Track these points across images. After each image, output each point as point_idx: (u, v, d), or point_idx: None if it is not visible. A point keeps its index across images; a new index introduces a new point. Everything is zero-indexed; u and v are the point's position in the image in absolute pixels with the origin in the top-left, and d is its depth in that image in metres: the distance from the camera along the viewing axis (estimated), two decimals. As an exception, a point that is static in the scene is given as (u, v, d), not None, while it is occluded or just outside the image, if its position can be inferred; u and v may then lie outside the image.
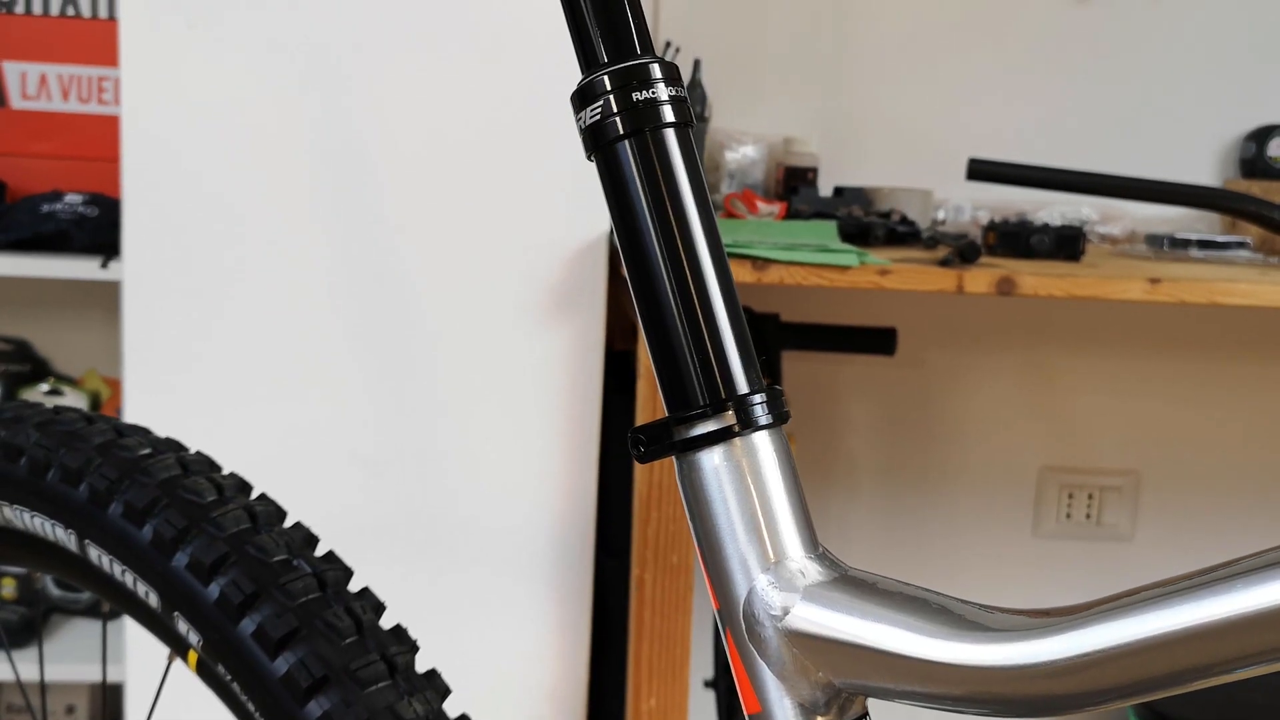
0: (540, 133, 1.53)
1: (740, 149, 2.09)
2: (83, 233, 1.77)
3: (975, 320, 2.23)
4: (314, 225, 1.53)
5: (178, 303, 1.53)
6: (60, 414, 0.81)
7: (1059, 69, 2.19)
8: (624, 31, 0.57)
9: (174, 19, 1.49)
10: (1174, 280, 1.48)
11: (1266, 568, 0.39)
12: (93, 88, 1.92)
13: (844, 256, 1.49)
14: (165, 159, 1.51)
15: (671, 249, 0.54)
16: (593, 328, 1.58)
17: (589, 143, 0.57)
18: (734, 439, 0.53)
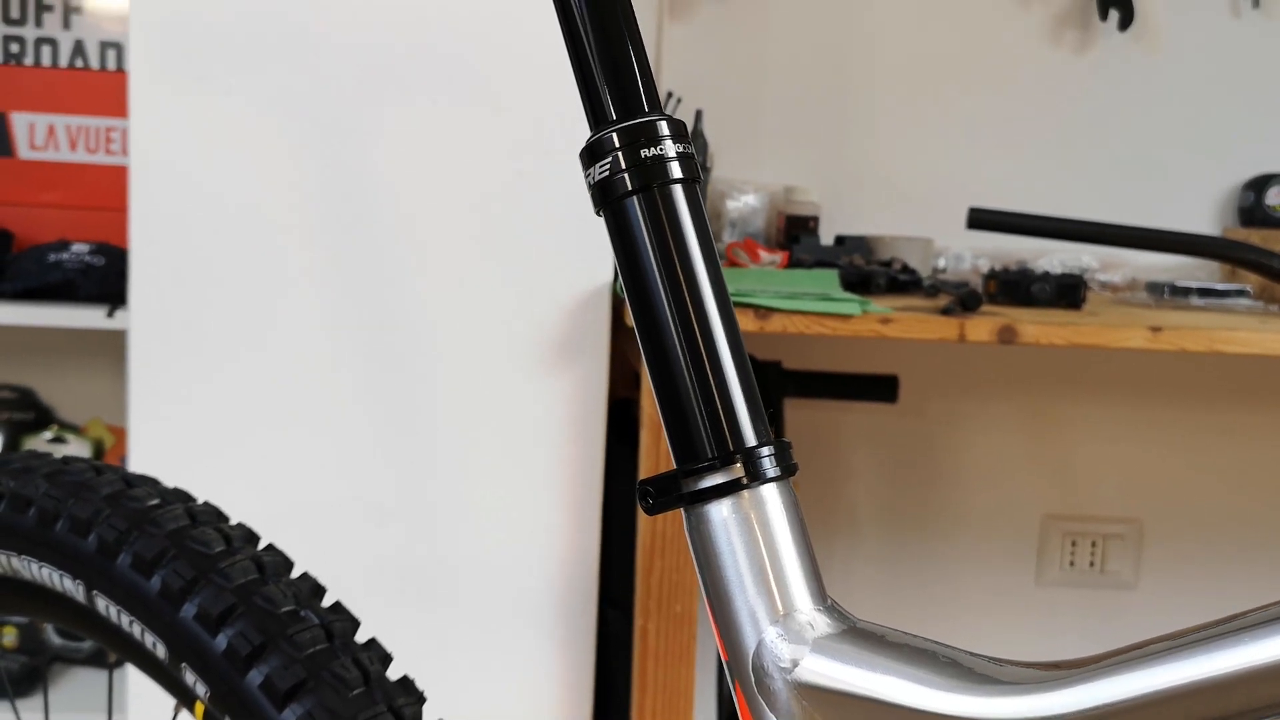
0: (544, 183, 1.54)
1: (742, 198, 2.10)
2: (89, 282, 1.78)
3: (977, 368, 2.24)
4: (319, 275, 1.54)
5: (184, 352, 1.54)
6: (69, 464, 0.82)
7: (1058, 118, 2.21)
8: (632, 89, 0.58)
9: (182, 71, 1.51)
10: (1175, 329, 1.49)
11: (1273, 621, 0.39)
12: (100, 138, 1.94)
13: (846, 305, 1.50)
14: (173, 209, 1.52)
15: (680, 303, 0.55)
16: (595, 376, 1.58)
17: (598, 198, 0.58)
18: (742, 491, 0.53)
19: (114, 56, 1.94)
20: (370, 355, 1.56)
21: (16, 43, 1.93)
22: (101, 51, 1.94)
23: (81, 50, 1.94)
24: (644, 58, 0.60)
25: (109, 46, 1.94)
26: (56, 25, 1.93)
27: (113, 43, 1.94)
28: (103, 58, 1.94)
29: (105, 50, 1.94)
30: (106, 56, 1.94)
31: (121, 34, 1.91)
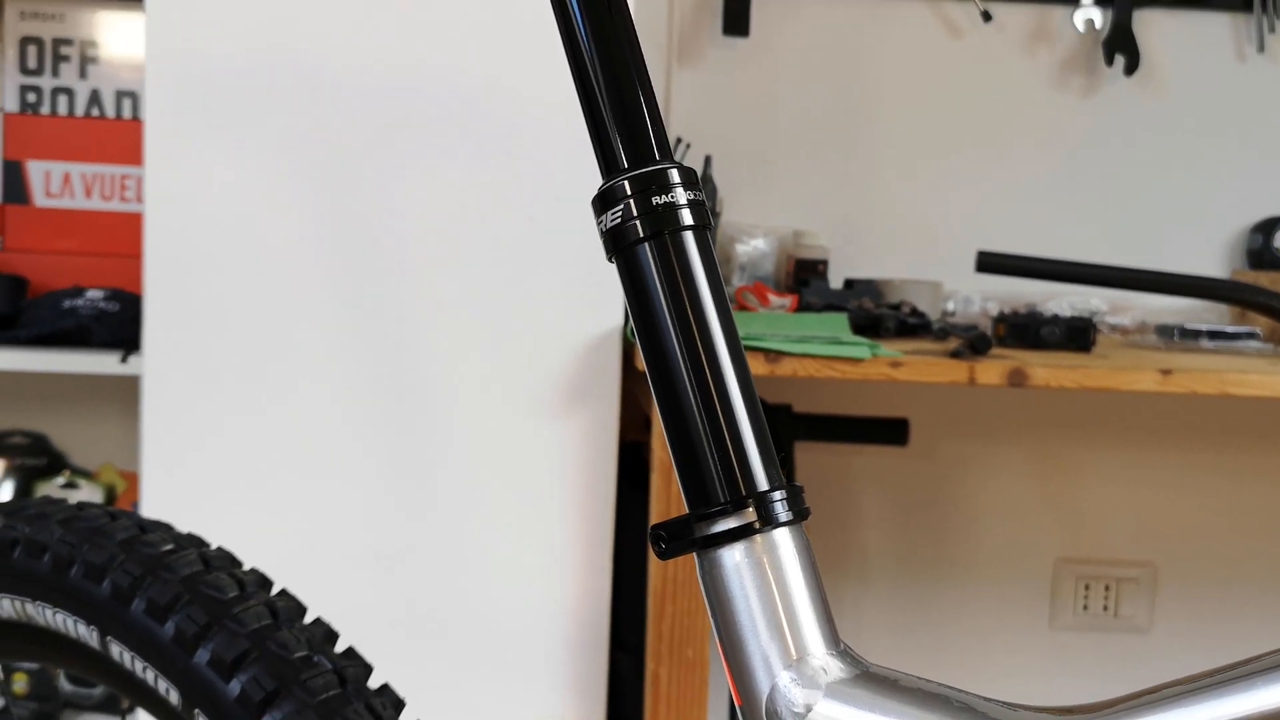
0: (555, 227, 1.55)
1: (751, 242, 2.11)
2: (103, 328, 1.80)
3: (987, 411, 2.24)
4: (331, 321, 1.55)
5: (196, 397, 1.55)
6: (84, 510, 0.82)
7: (1065, 162, 2.22)
8: (643, 137, 0.59)
9: (197, 120, 1.53)
10: (1185, 371, 1.49)
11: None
12: (115, 185, 1.96)
13: (856, 349, 1.50)
14: (186, 255, 1.54)
15: (691, 349, 0.55)
16: (606, 421, 1.59)
17: (609, 245, 0.58)
18: (755, 536, 0.53)
19: (129, 105, 1.97)
20: (382, 400, 1.56)
21: (34, 92, 1.95)
22: (117, 100, 1.96)
23: (98, 99, 1.96)
24: (654, 106, 0.61)
25: (125, 95, 1.96)
26: (73, 75, 1.96)
27: (128, 91, 1.96)
28: (118, 106, 1.97)
29: (121, 99, 1.97)
30: (122, 105, 1.97)
31: (137, 82, 1.93)
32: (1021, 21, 2.19)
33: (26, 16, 1.94)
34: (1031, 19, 2.19)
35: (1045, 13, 2.19)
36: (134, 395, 1.58)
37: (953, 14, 2.18)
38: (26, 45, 1.94)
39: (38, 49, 1.95)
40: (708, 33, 2.17)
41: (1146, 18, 2.17)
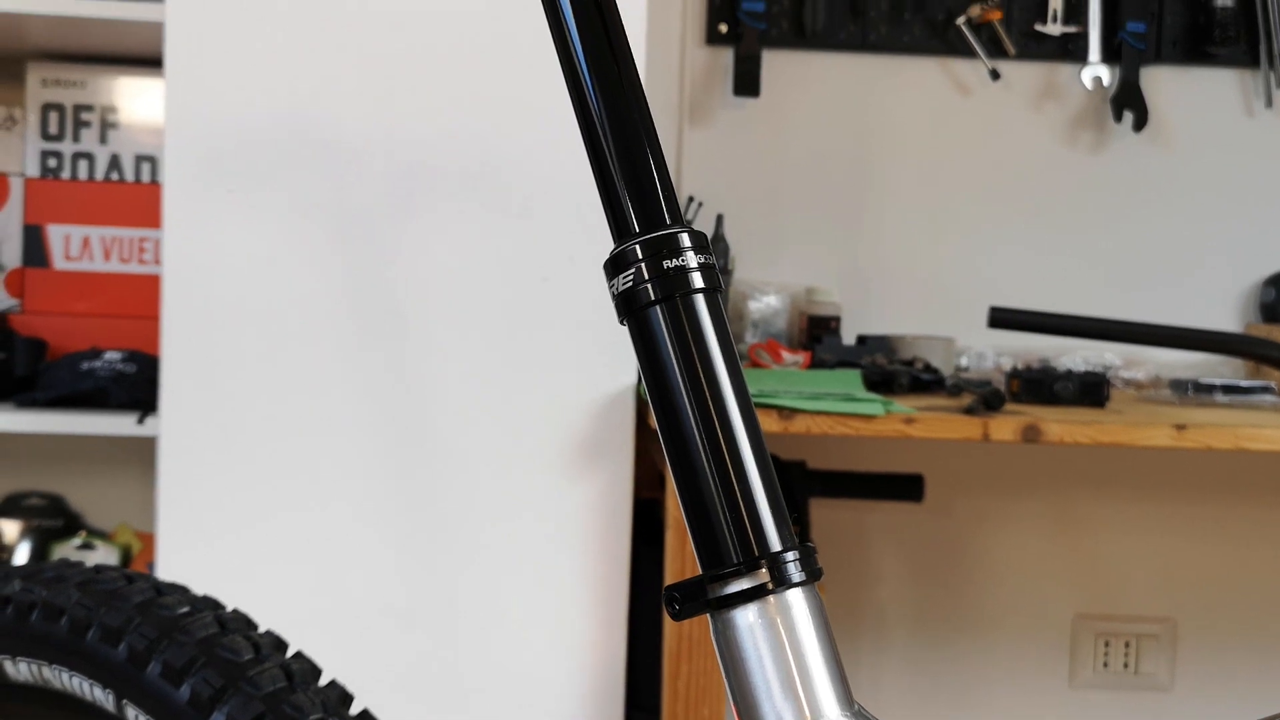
0: (568, 287, 1.56)
1: (763, 298, 2.12)
2: (120, 389, 1.81)
3: (1002, 466, 2.23)
4: (347, 381, 1.56)
5: (213, 458, 1.55)
6: (101, 573, 0.83)
7: (1076, 217, 2.23)
8: (654, 202, 0.60)
9: (215, 184, 1.55)
10: (1199, 426, 1.49)
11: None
12: (133, 248, 1.98)
13: (869, 406, 1.50)
14: (204, 317, 1.55)
15: (703, 411, 0.56)
16: (621, 479, 1.59)
17: (622, 308, 0.59)
18: (768, 597, 0.54)
19: (148, 169, 1.99)
20: (398, 459, 1.57)
21: (54, 157, 1.98)
22: (136, 164, 1.99)
23: (117, 164, 1.99)
24: (664, 170, 0.62)
25: (144, 160, 1.99)
26: (94, 140, 1.99)
27: (147, 156, 1.99)
28: (137, 170, 1.99)
29: (140, 163, 1.99)
30: (141, 169, 1.99)
31: (156, 146, 1.96)
32: (1030, 79, 2.21)
33: (49, 84, 1.97)
34: (1040, 77, 2.21)
35: (1053, 70, 2.21)
36: (150, 456, 1.58)
37: (961, 72, 2.20)
38: (48, 112, 1.98)
39: (59, 115, 1.98)
40: (719, 93, 2.19)
41: (1154, 74, 2.19)
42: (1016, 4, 2.18)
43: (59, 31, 1.85)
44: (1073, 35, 2.18)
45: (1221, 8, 2.15)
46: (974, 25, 2.16)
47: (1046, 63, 2.21)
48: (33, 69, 1.98)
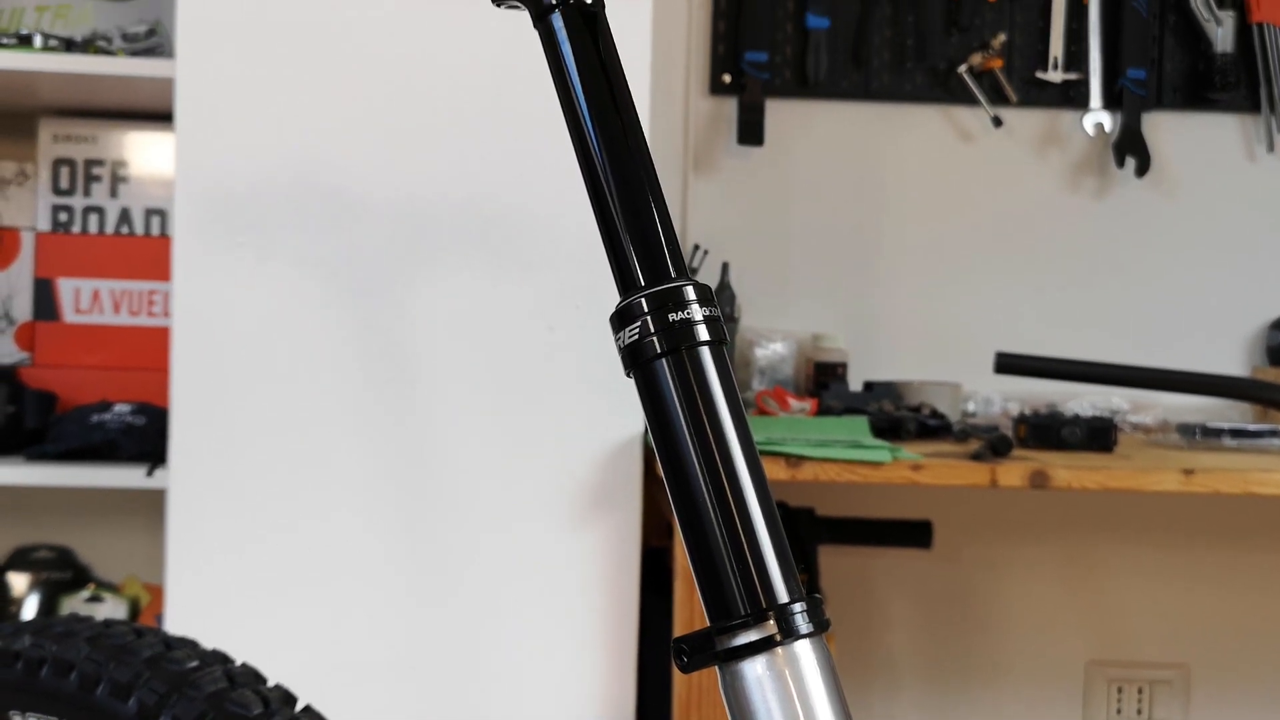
0: (574, 337, 1.57)
1: (770, 346, 2.13)
2: (130, 441, 1.81)
3: (1011, 511, 2.23)
4: (355, 435, 1.56)
5: (222, 510, 1.56)
6: (111, 628, 0.83)
7: (1081, 262, 2.24)
8: (659, 255, 0.61)
9: (224, 237, 1.56)
10: (1208, 471, 1.49)
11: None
12: (143, 301, 1.99)
13: (876, 453, 1.51)
14: (213, 369, 1.56)
15: (709, 463, 0.56)
16: (628, 528, 1.59)
17: (628, 360, 0.60)
18: (776, 649, 0.54)
19: (158, 222, 2.01)
20: (406, 509, 1.57)
21: (65, 212, 2.00)
22: (146, 218, 2.01)
23: (127, 217, 2.01)
24: (669, 224, 0.63)
25: (154, 213, 2.01)
26: (104, 194, 2.00)
27: (157, 209, 2.00)
28: (147, 224, 2.01)
29: (150, 217, 2.01)
30: (151, 223, 2.01)
31: (166, 199, 1.98)
32: (1032, 126, 2.23)
33: (59, 139, 1.99)
34: (1042, 123, 2.23)
35: (1055, 117, 2.23)
36: (160, 508, 1.59)
37: (963, 119, 2.22)
38: (60, 167, 1.99)
39: (70, 170, 2.00)
40: (723, 142, 2.21)
41: (1156, 120, 2.21)
42: (1017, 52, 2.20)
43: (70, 88, 1.87)
44: (1074, 82, 2.20)
45: (1221, 54, 2.16)
46: (975, 73, 2.18)
47: (1048, 109, 2.22)
48: (44, 125, 2.00)
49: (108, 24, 1.95)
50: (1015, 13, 2.20)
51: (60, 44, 1.80)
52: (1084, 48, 2.19)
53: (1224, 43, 2.17)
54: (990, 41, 2.18)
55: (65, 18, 1.97)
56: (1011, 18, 2.20)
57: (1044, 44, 2.20)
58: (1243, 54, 2.19)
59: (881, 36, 2.19)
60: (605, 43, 0.65)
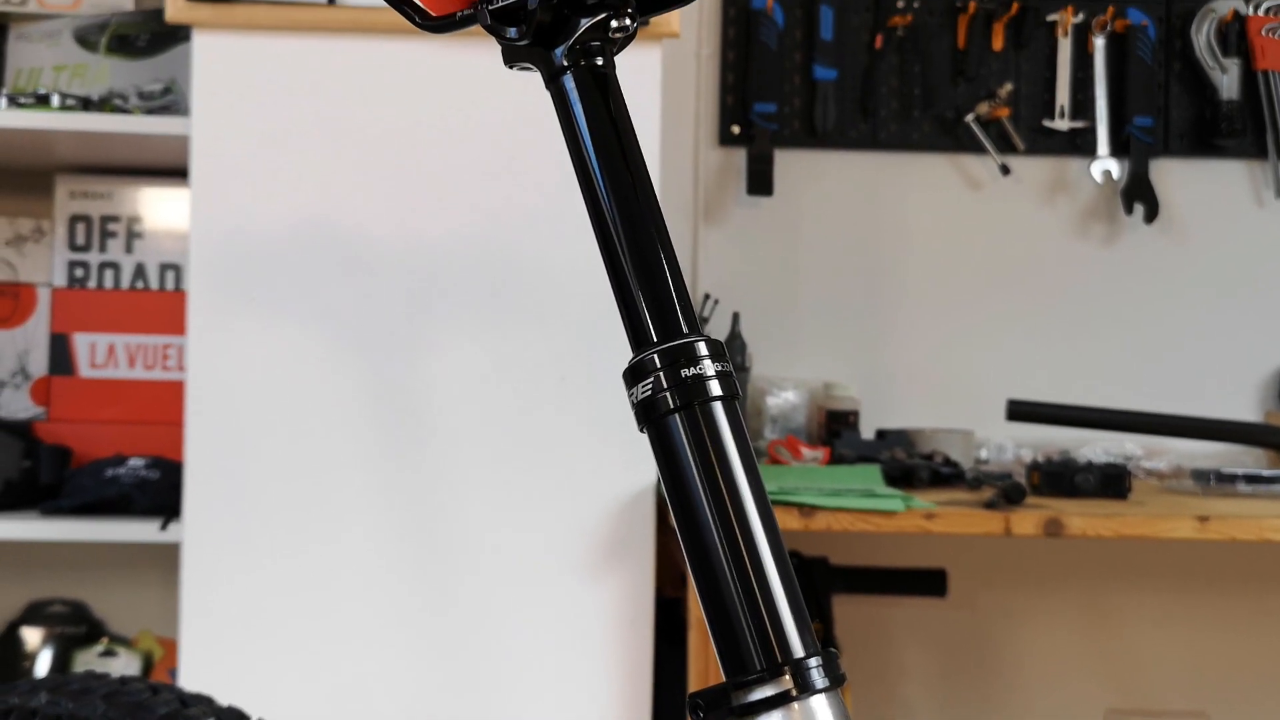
0: (586, 388, 1.58)
1: (782, 394, 2.13)
2: (144, 495, 1.82)
3: (1025, 558, 2.22)
4: (368, 489, 1.57)
5: (235, 564, 1.56)
6: (127, 685, 0.83)
7: (1092, 308, 2.24)
8: (670, 312, 0.61)
9: (238, 292, 1.57)
10: (1223, 518, 1.48)
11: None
12: (157, 355, 2.00)
13: (889, 501, 1.51)
14: (227, 423, 1.57)
15: (724, 518, 0.56)
16: (642, 579, 1.59)
17: (641, 416, 0.60)
18: (792, 704, 0.54)
19: (173, 277, 2.03)
20: (420, 564, 1.57)
21: (81, 267, 2.02)
22: (161, 273, 2.03)
23: (142, 272, 2.02)
24: (680, 280, 0.63)
25: (168, 268, 2.03)
26: (120, 249, 2.02)
27: (172, 264, 2.02)
28: (162, 279, 2.02)
29: (165, 271, 2.03)
30: (166, 277, 2.03)
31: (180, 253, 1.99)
32: (1040, 173, 2.24)
33: (76, 195, 2.02)
34: (1050, 171, 2.24)
35: (1062, 165, 2.24)
36: (173, 562, 1.59)
37: (971, 167, 2.23)
38: (76, 223, 2.02)
39: (86, 226, 2.02)
40: (733, 192, 2.23)
41: (1163, 167, 2.22)
42: (1024, 101, 2.22)
43: (87, 146, 1.89)
44: (1081, 130, 2.21)
45: (1227, 101, 2.18)
46: (983, 122, 2.19)
47: (1056, 157, 2.23)
48: (61, 182, 2.03)
49: (124, 82, 1.98)
50: (1021, 62, 2.22)
51: (77, 103, 1.83)
52: (1090, 96, 2.21)
53: (1229, 90, 2.18)
54: (997, 91, 2.19)
55: (82, 76, 2.00)
56: (1017, 67, 2.22)
57: (1050, 93, 2.22)
58: (1248, 101, 2.20)
59: (888, 86, 2.21)
60: (616, 102, 0.66)
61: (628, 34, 0.65)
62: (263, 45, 1.58)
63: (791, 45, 2.20)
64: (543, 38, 0.65)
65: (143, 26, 2.01)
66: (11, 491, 1.84)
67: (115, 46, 2.01)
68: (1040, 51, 2.22)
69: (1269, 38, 2.19)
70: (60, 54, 2.02)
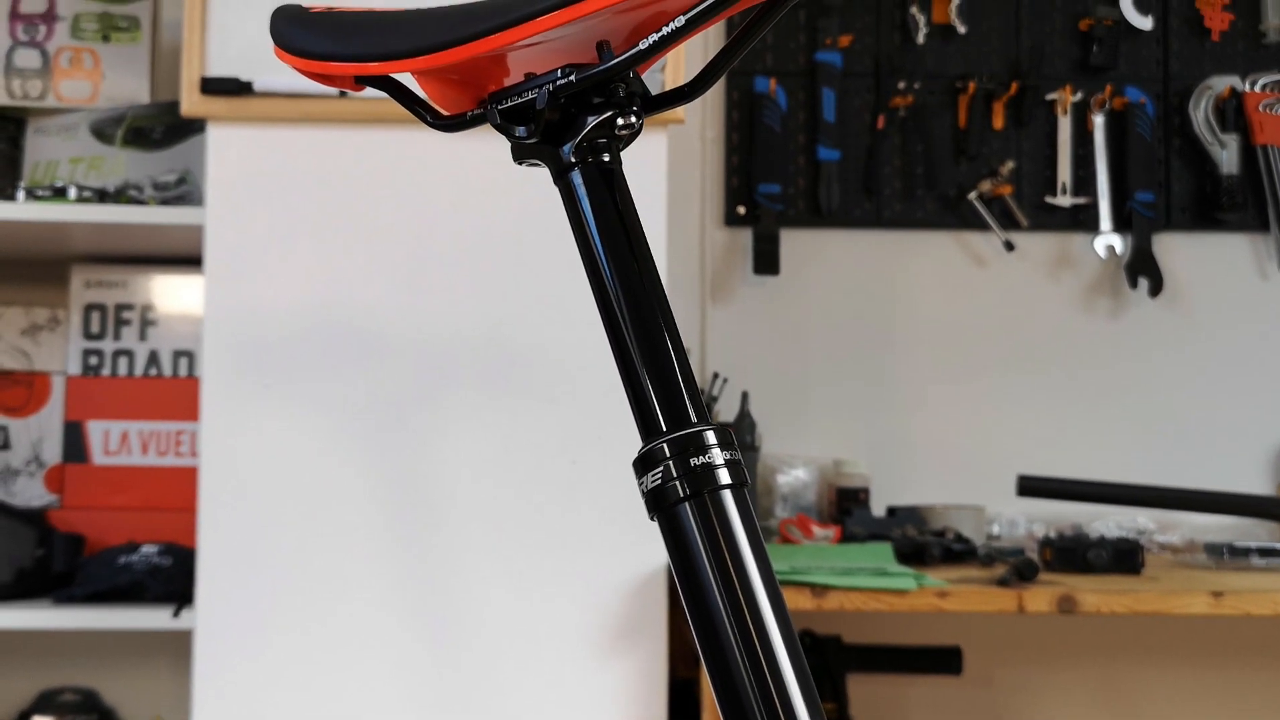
0: (597, 470, 1.58)
1: (792, 472, 2.13)
2: (156, 582, 1.82)
3: (1040, 634, 2.20)
4: (380, 574, 1.57)
5: (248, 651, 1.56)
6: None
7: (1100, 382, 2.25)
8: (679, 401, 0.63)
9: (250, 378, 1.59)
10: (1237, 593, 1.47)
11: None
12: (170, 441, 2.02)
13: (902, 580, 1.50)
14: (239, 508, 1.58)
15: (734, 606, 0.57)
16: (655, 660, 1.58)
17: (651, 504, 0.61)
18: (805, 791, 0.54)
19: (186, 364, 2.04)
20: (431, 649, 1.57)
21: (95, 355, 2.04)
22: (174, 359, 2.04)
23: (156, 359, 2.04)
24: (688, 369, 0.65)
25: (181, 355, 2.04)
26: (134, 337, 2.04)
27: (185, 350, 2.04)
28: (175, 365, 2.04)
29: (178, 358, 2.04)
30: (179, 364, 2.04)
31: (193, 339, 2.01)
32: (1044, 249, 2.26)
33: (91, 285, 2.04)
34: (1053, 247, 2.26)
35: (1066, 240, 2.26)
36: (186, 649, 1.59)
37: (976, 244, 2.25)
38: (90, 312, 2.04)
39: (100, 315, 2.04)
40: (739, 272, 2.25)
41: (1166, 241, 2.24)
42: (1026, 178, 2.25)
43: (102, 236, 1.92)
44: (1083, 206, 2.24)
45: (1227, 176, 2.20)
46: (985, 200, 2.22)
47: (1059, 233, 2.26)
48: (76, 271, 2.05)
49: (139, 174, 2.01)
50: (1022, 140, 2.25)
51: (93, 195, 1.86)
52: (1091, 172, 2.24)
53: (1229, 165, 2.21)
54: (999, 169, 2.22)
55: (99, 168, 2.03)
56: (1018, 145, 2.25)
57: (1052, 169, 2.24)
58: (1248, 175, 2.23)
59: (892, 166, 2.24)
60: (622, 197, 0.67)
61: (633, 131, 0.67)
62: (275, 136, 1.61)
63: (795, 127, 2.24)
64: (551, 136, 0.67)
65: (158, 119, 2.05)
66: (24, 580, 1.85)
67: (131, 139, 2.04)
68: (1040, 129, 2.25)
69: (1267, 113, 2.22)
70: (77, 147, 2.06)
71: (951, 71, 2.24)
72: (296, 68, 0.73)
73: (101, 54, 2.08)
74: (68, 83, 2.07)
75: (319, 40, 0.72)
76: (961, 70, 2.24)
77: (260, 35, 1.00)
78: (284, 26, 0.74)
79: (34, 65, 2.06)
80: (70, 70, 2.07)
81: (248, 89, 1.60)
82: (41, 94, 2.06)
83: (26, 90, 2.06)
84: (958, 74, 2.24)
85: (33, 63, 2.06)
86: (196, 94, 1.60)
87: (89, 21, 2.07)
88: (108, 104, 2.06)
